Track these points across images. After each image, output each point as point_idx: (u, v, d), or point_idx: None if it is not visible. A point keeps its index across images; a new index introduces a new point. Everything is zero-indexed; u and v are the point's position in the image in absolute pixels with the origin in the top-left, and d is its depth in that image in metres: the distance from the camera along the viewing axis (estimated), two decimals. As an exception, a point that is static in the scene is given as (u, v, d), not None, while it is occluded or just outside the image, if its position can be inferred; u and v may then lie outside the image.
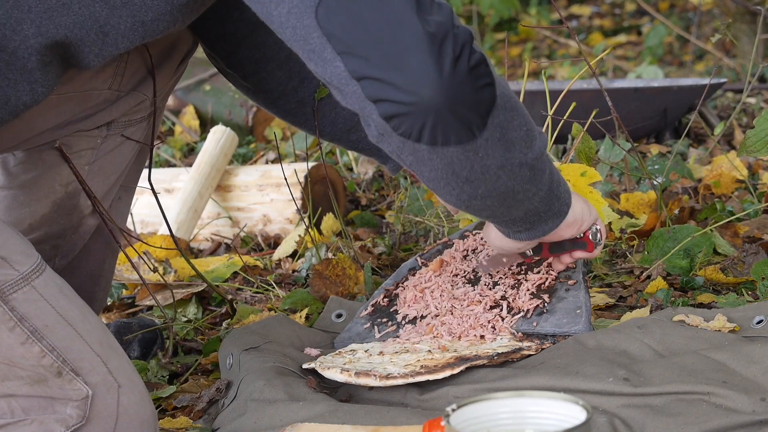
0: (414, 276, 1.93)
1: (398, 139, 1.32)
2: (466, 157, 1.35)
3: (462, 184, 1.39)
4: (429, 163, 1.36)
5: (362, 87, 1.29)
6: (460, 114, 1.30)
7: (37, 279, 1.43)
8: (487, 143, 1.35)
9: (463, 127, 1.31)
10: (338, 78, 1.31)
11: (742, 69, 4.85)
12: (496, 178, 1.40)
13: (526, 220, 1.54)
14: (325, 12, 1.28)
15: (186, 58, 1.79)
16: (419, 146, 1.32)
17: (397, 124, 1.30)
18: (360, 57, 1.28)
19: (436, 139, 1.31)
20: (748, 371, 1.52)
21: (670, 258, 2.17)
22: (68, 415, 1.43)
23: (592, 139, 2.20)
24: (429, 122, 1.29)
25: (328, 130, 1.89)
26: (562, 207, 1.57)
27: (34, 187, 1.73)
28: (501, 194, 1.43)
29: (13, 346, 1.40)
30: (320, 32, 1.28)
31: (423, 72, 1.26)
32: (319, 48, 1.30)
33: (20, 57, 1.38)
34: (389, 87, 1.27)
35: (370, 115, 1.31)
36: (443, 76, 1.27)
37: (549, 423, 1.20)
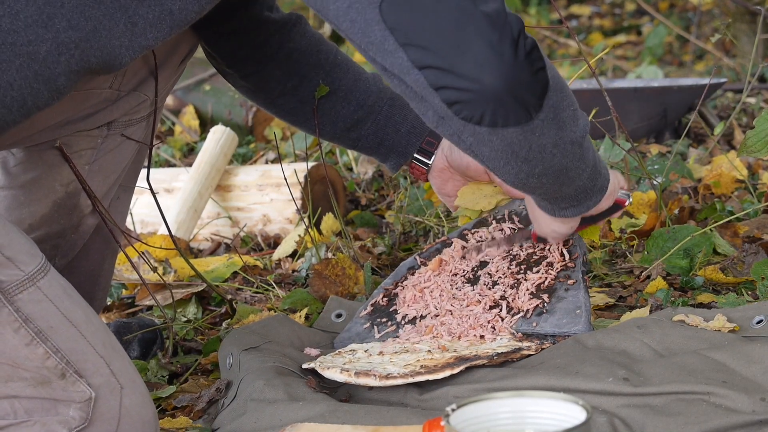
0: (413, 275, 1.93)
1: (459, 122, 1.37)
2: (525, 138, 1.40)
3: (521, 163, 1.44)
4: (489, 144, 1.40)
5: (425, 75, 1.34)
6: (520, 97, 1.35)
7: (42, 279, 1.43)
8: (543, 123, 1.40)
9: (522, 109, 1.36)
10: (399, 68, 1.35)
11: (742, 69, 4.85)
12: (552, 156, 1.46)
13: (575, 197, 1.60)
14: (389, 6, 1.33)
15: (187, 57, 1.79)
16: (480, 128, 1.37)
17: (459, 109, 1.35)
18: (422, 47, 1.33)
19: (496, 121, 1.36)
20: (748, 371, 1.52)
21: (669, 258, 2.17)
22: (71, 416, 1.43)
23: (591, 138, 2.20)
24: (490, 107, 1.34)
25: (328, 129, 1.90)
26: (604, 182, 1.63)
27: (34, 187, 1.73)
28: (556, 171, 1.49)
29: (18, 347, 1.40)
30: (383, 25, 1.33)
31: (484, 59, 1.31)
32: (380, 40, 1.34)
33: (50, 64, 1.39)
34: (452, 75, 1.32)
35: (432, 101, 1.36)
36: (504, 62, 1.32)
37: (549, 423, 1.20)
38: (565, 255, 1.82)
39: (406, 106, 1.88)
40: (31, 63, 1.37)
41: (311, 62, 1.84)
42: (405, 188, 2.79)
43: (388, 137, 1.88)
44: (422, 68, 1.34)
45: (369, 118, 1.87)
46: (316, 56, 1.85)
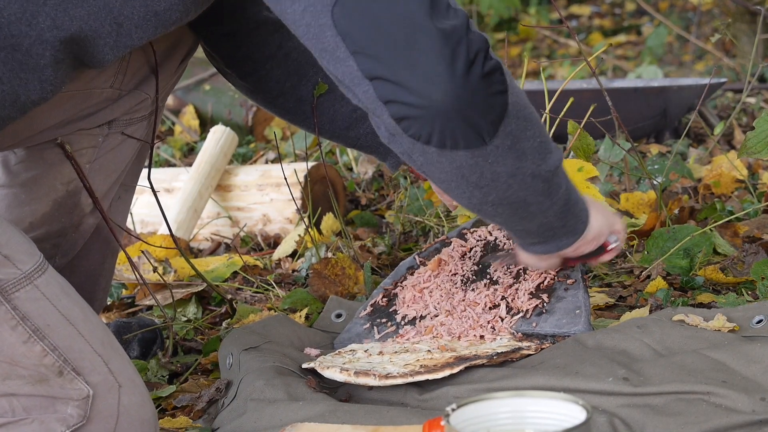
0: (412, 275, 1.93)
1: (408, 140, 1.32)
2: (475, 163, 1.35)
3: (472, 188, 1.40)
4: (438, 166, 1.36)
5: (374, 87, 1.30)
6: (470, 119, 1.30)
7: (40, 278, 1.43)
8: (497, 150, 1.35)
9: (473, 132, 1.32)
10: (350, 77, 1.32)
11: (742, 69, 4.86)
12: (507, 186, 1.41)
13: (540, 233, 1.54)
14: (341, 11, 1.29)
15: (187, 57, 1.79)
16: (429, 148, 1.33)
17: (407, 126, 1.31)
18: (372, 57, 1.29)
19: (444, 142, 1.32)
20: (747, 371, 1.52)
21: (669, 258, 2.17)
22: (69, 414, 1.43)
23: (590, 137, 2.20)
24: (438, 126, 1.30)
25: (327, 128, 1.90)
26: (579, 225, 1.57)
27: (35, 186, 1.73)
28: (513, 203, 1.44)
29: (15, 345, 1.40)
30: (335, 31, 1.30)
31: (434, 75, 1.27)
32: (332, 47, 1.31)
33: (33, 55, 1.38)
34: (400, 88, 1.28)
35: (381, 116, 1.32)
36: (454, 80, 1.27)
37: (549, 423, 1.20)
38: None
39: None
40: (14, 53, 1.37)
41: (310, 61, 1.84)
42: (405, 188, 2.79)
43: None
44: (372, 79, 1.30)
45: (368, 117, 1.87)
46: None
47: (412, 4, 1.28)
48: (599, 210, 1.64)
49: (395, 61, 1.28)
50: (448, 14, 1.30)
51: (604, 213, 1.64)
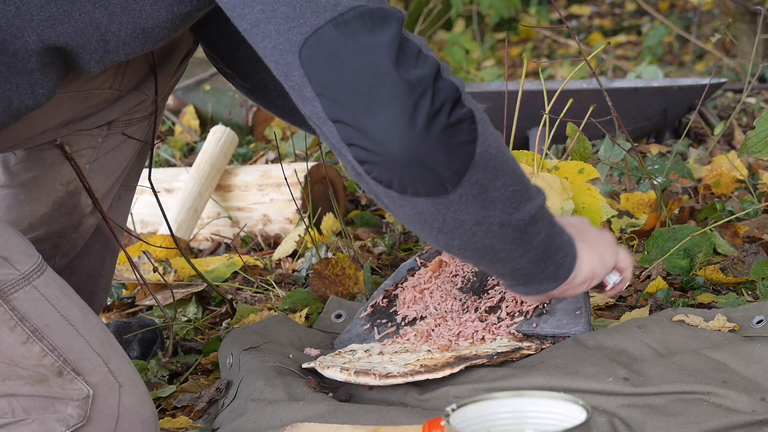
0: (413, 276, 1.93)
1: (372, 182, 1.32)
2: (437, 210, 1.34)
3: (436, 233, 1.38)
4: (402, 209, 1.35)
5: (337, 129, 1.30)
6: (430, 168, 1.29)
7: (38, 279, 1.43)
8: (461, 199, 1.34)
9: (434, 181, 1.31)
10: (316, 117, 1.32)
11: (742, 69, 4.86)
12: (471, 234, 1.39)
13: (515, 277, 1.51)
14: (308, 52, 1.29)
15: (186, 57, 1.79)
16: (391, 192, 1.32)
17: (369, 169, 1.30)
18: (335, 101, 1.29)
19: (405, 189, 1.31)
20: (748, 371, 1.52)
21: (670, 258, 2.17)
22: (69, 414, 1.43)
23: (590, 139, 2.20)
24: (397, 173, 1.29)
25: None
26: (561, 272, 1.52)
27: (35, 186, 1.73)
28: (479, 249, 1.42)
29: (14, 346, 1.40)
30: (302, 71, 1.30)
31: (393, 125, 1.26)
32: (299, 86, 1.31)
33: (20, 59, 1.38)
34: (360, 134, 1.28)
35: (345, 156, 1.32)
36: (413, 131, 1.26)
37: (549, 423, 1.20)
38: None
39: None
40: (1, 57, 1.37)
41: None
42: (405, 188, 2.78)
43: None
44: (335, 121, 1.30)
45: None
46: None
47: (378, 51, 1.28)
48: (596, 249, 1.57)
49: (356, 107, 1.28)
50: (417, 63, 1.29)
51: (601, 252, 1.58)
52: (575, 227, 1.56)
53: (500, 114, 2.05)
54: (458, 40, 5.84)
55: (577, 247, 1.53)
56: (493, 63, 6.20)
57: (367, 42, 1.28)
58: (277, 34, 1.30)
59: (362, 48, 1.28)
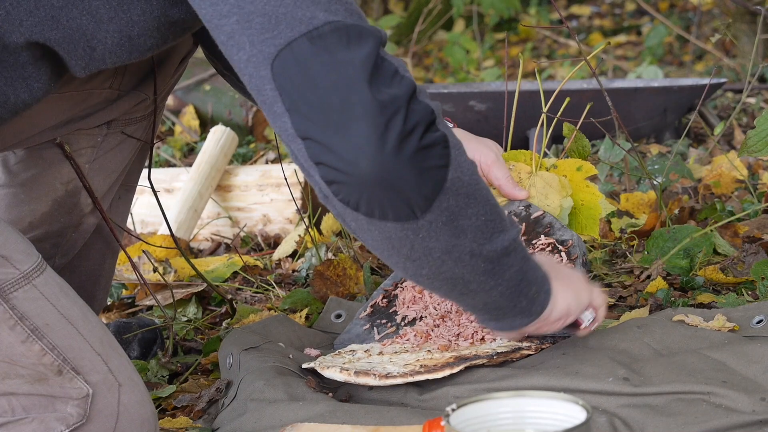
0: (413, 276, 1.93)
1: (339, 204, 1.29)
2: (406, 236, 1.31)
3: (404, 260, 1.36)
4: (369, 234, 1.32)
5: (306, 146, 1.27)
6: (399, 192, 1.27)
7: (38, 278, 1.43)
8: (430, 225, 1.31)
9: (402, 205, 1.28)
10: (285, 133, 1.29)
11: (742, 69, 4.86)
12: (441, 262, 1.36)
13: (486, 311, 1.48)
14: (281, 66, 1.26)
15: (186, 58, 1.79)
16: (358, 215, 1.30)
17: (336, 190, 1.28)
18: (305, 117, 1.26)
19: (373, 212, 1.28)
20: (748, 371, 1.52)
21: (670, 258, 2.17)
22: (69, 413, 1.43)
23: (590, 139, 2.20)
24: (365, 195, 1.26)
25: None
26: (534, 307, 1.48)
27: (35, 185, 1.73)
28: (448, 279, 1.39)
29: (14, 345, 1.40)
30: (273, 85, 1.27)
31: (363, 143, 1.23)
32: (271, 100, 1.29)
33: (11, 53, 1.38)
34: (329, 152, 1.25)
35: (313, 176, 1.29)
36: (383, 151, 1.23)
37: (549, 423, 1.20)
38: (563, 257, 1.82)
39: None
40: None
41: None
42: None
43: None
44: (304, 138, 1.27)
45: None
46: None
47: (351, 68, 1.25)
48: (571, 287, 1.55)
49: (326, 124, 1.25)
50: (391, 82, 1.26)
51: (576, 290, 1.55)
52: (549, 265, 1.53)
53: (500, 114, 2.05)
54: (458, 40, 5.85)
55: (552, 283, 1.50)
56: (493, 63, 6.20)
57: (341, 57, 1.25)
58: (251, 46, 1.27)
59: (336, 63, 1.25)
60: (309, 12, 1.26)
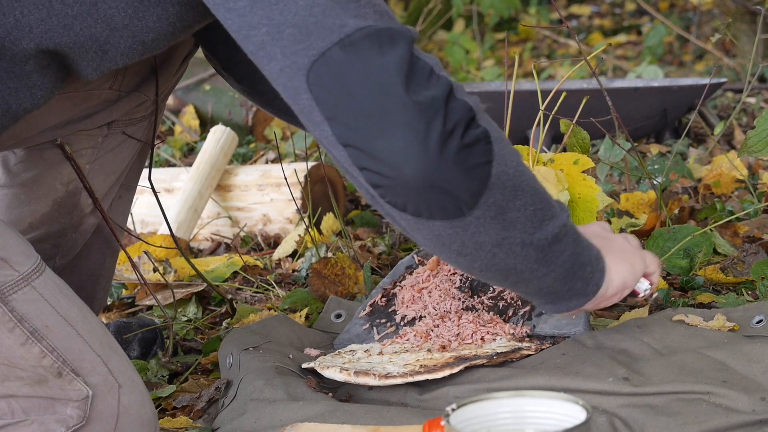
0: (411, 275, 1.93)
1: (386, 205, 1.29)
2: (455, 233, 1.31)
3: (455, 255, 1.36)
4: (419, 233, 1.33)
5: (348, 153, 1.27)
6: (445, 192, 1.27)
7: (37, 279, 1.43)
8: (478, 221, 1.31)
9: (450, 204, 1.28)
10: (326, 140, 1.29)
11: (742, 69, 4.86)
12: (492, 255, 1.36)
13: (542, 296, 1.48)
14: (316, 77, 1.26)
15: (187, 58, 1.79)
16: (406, 215, 1.30)
17: (382, 193, 1.28)
18: (345, 125, 1.26)
19: (420, 212, 1.29)
20: (748, 370, 1.52)
21: (670, 258, 2.17)
22: (69, 415, 1.43)
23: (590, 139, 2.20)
24: (411, 197, 1.26)
25: None
26: (589, 287, 1.48)
27: (35, 186, 1.73)
28: (501, 270, 1.39)
29: (13, 347, 1.40)
30: (310, 95, 1.27)
31: (405, 148, 1.23)
32: (308, 109, 1.28)
33: (18, 62, 1.38)
34: (372, 159, 1.25)
35: (358, 179, 1.29)
36: (426, 155, 1.23)
37: (549, 423, 1.20)
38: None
39: None
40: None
41: None
42: (405, 188, 2.78)
43: None
44: (345, 146, 1.27)
45: None
46: None
47: (387, 73, 1.25)
48: (625, 259, 1.54)
49: (367, 131, 1.24)
50: (428, 83, 1.26)
51: (631, 262, 1.54)
52: (601, 237, 1.52)
53: (500, 113, 2.05)
54: (458, 40, 5.84)
55: (606, 259, 1.49)
56: (493, 63, 6.20)
57: (375, 63, 1.25)
58: (284, 57, 1.27)
59: (371, 69, 1.25)
60: (339, 20, 1.26)
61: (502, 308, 1.80)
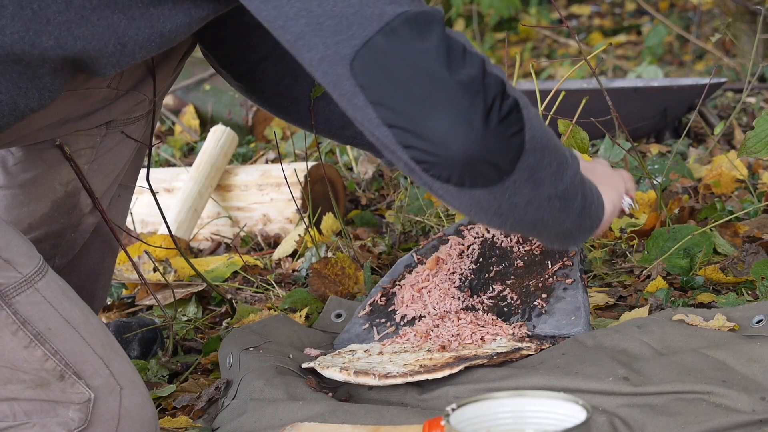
0: (410, 274, 1.93)
1: (428, 177, 1.34)
2: (494, 198, 1.37)
3: (491, 216, 1.42)
4: (458, 200, 1.38)
5: (393, 133, 1.32)
6: (488, 163, 1.32)
7: (40, 281, 1.43)
8: (514, 185, 1.37)
9: (491, 173, 1.34)
10: (368, 122, 1.33)
11: (742, 69, 4.85)
12: (524, 212, 1.42)
13: (558, 239, 1.55)
14: (360, 65, 1.30)
15: (184, 57, 1.79)
16: (448, 186, 1.35)
17: (426, 168, 1.33)
18: (390, 108, 1.31)
19: (463, 183, 1.34)
20: (748, 370, 1.52)
21: (669, 257, 2.16)
22: (70, 418, 1.43)
23: (590, 139, 2.20)
24: (456, 171, 1.32)
25: (322, 127, 1.90)
26: (594, 222, 1.57)
27: (34, 187, 1.73)
28: (530, 224, 1.45)
29: (16, 350, 1.40)
30: (353, 81, 1.31)
31: (452, 128, 1.29)
32: (350, 95, 1.32)
33: (33, 66, 1.38)
34: (418, 138, 1.30)
35: (401, 156, 1.34)
36: (473, 131, 1.29)
37: (549, 423, 1.20)
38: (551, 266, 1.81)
39: None
40: (14, 66, 1.37)
41: None
42: (405, 188, 2.79)
43: None
44: (390, 126, 1.32)
45: None
46: None
47: (429, 57, 1.30)
48: (610, 185, 1.64)
49: (414, 113, 1.30)
50: (464, 62, 1.31)
51: (614, 184, 1.65)
52: (587, 170, 1.59)
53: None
54: (458, 40, 5.82)
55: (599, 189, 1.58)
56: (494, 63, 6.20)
57: (417, 48, 1.30)
58: (325, 47, 1.31)
59: (413, 54, 1.30)
60: (377, 8, 1.30)
61: (502, 309, 1.80)
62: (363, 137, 1.89)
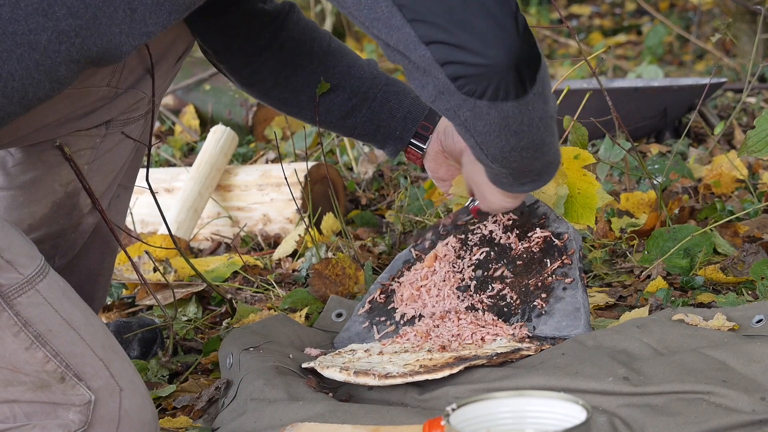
0: (409, 271, 1.93)
1: (460, 97, 1.39)
2: (520, 111, 1.42)
3: (511, 136, 1.46)
4: (486, 118, 1.43)
5: (431, 51, 1.37)
6: (521, 71, 1.39)
7: (41, 282, 1.43)
8: (534, 97, 1.43)
9: (521, 82, 1.40)
10: (405, 43, 1.38)
11: (742, 69, 4.86)
12: (537, 129, 1.48)
13: (539, 171, 1.60)
14: None
15: (183, 56, 1.79)
16: (480, 102, 1.40)
17: (462, 84, 1.38)
18: (431, 23, 1.36)
19: (497, 95, 1.39)
20: (748, 370, 1.52)
21: (670, 258, 2.17)
22: (70, 420, 1.43)
23: (590, 138, 2.20)
24: (494, 81, 1.37)
25: (323, 118, 1.90)
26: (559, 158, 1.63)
27: (33, 188, 1.73)
28: (536, 145, 1.51)
29: (17, 352, 1.40)
30: (390, 2, 1.37)
31: (490, 34, 1.35)
32: (387, 16, 1.37)
33: (50, 54, 1.40)
34: (460, 50, 1.36)
35: (437, 76, 1.38)
36: (508, 36, 1.36)
37: (549, 423, 1.20)
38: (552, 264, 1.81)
39: (400, 92, 1.87)
40: (32, 53, 1.38)
41: (304, 51, 1.84)
42: (405, 188, 2.79)
43: (383, 124, 1.88)
44: (429, 43, 1.36)
45: (364, 106, 1.87)
46: (310, 44, 1.85)
47: None
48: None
49: (454, 25, 1.35)
50: None
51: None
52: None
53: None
54: (458, 40, 5.83)
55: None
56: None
57: None
58: None
59: None
60: None
61: (501, 308, 1.80)
62: (364, 127, 1.89)
